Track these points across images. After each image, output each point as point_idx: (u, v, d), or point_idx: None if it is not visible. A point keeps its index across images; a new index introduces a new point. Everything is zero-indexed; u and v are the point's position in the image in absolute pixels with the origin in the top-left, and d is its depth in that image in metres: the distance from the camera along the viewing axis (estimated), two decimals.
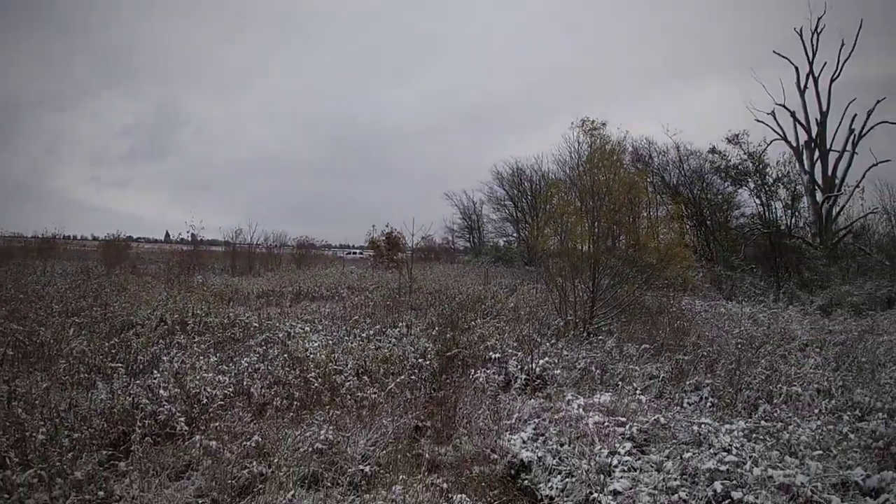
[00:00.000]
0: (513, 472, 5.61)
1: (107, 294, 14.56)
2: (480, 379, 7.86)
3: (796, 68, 26.42)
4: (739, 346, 9.69)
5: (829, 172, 25.92)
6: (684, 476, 4.84)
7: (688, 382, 7.86)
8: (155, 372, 7.37)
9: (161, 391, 6.46)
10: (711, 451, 5.21)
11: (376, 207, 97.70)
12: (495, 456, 5.73)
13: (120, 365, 7.68)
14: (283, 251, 38.65)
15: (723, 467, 4.79)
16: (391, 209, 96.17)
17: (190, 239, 29.33)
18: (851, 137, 25.64)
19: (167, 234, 46.46)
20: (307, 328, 11.21)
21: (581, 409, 6.45)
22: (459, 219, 48.70)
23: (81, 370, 7.57)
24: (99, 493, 4.67)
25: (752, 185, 27.12)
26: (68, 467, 4.78)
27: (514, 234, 43.27)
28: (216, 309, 12.89)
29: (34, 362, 8.27)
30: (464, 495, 4.68)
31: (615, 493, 4.61)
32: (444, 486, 4.77)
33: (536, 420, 6.51)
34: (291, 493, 4.42)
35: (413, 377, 7.88)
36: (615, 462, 5.13)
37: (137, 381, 6.93)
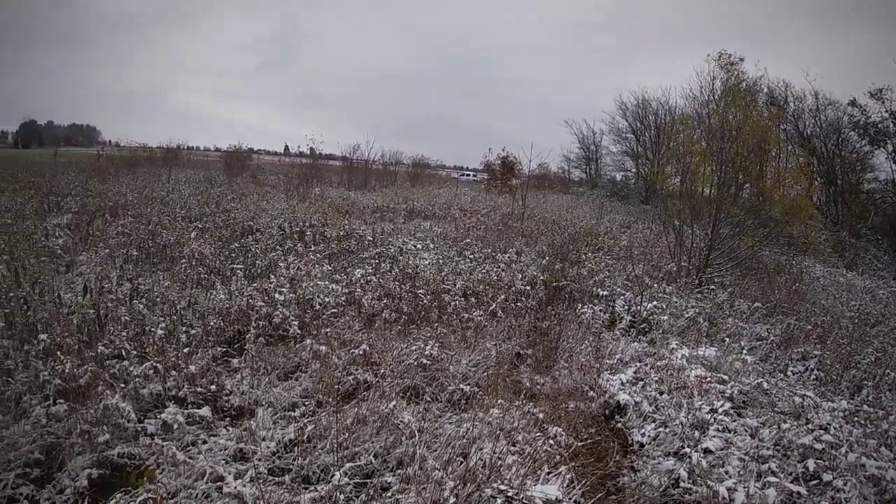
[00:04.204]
0: (607, 412, 5.60)
1: (228, 201, 15.30)
2: (587, 314, 7.83)
3: None
4: (854, 321, 9.12)
5: None
6: (777, 447, 4.67)
7: (796, 350, 7.53)
8: (272, 277, 7.71)
9: (277, 295, 6.76)
10: (809, 426, 4.99)
11: (494, 132, 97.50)
12: (592, 393, 5.72)
13: (239, 268, 8.10)
14: (398, 168, 38.85)
15: (818, 446, 4.59)
16: (509, 134, 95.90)
17: (308, 152, 29.99)
18: None
19: (286, 147, 48.02)
20: (419, 245, 11.45)
21: (684, 360, 6.32)
22: (577, 148, 46.14)
23: (201, 271, 8.05)
24: (211, 387, 5.00)
25: (890, 148, 24.75)
26: (184, 361, 5.15)
27: (633, 170, 40.98)
28: (332, 221, 13.28)
29: (157, 263, 8.89)
30: (559, 428, 4.71)
31: (706, 451, 4.51)
32: (540, 415, 4.81)
33: (637, 364, 6.44)
34: (393, 403, 4.55)
35: (519, 304, 7.94)
36: (711, 420, 5.01)
37: (255, 285, 7.29)
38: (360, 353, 5.53)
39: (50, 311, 5.86)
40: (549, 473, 4.04)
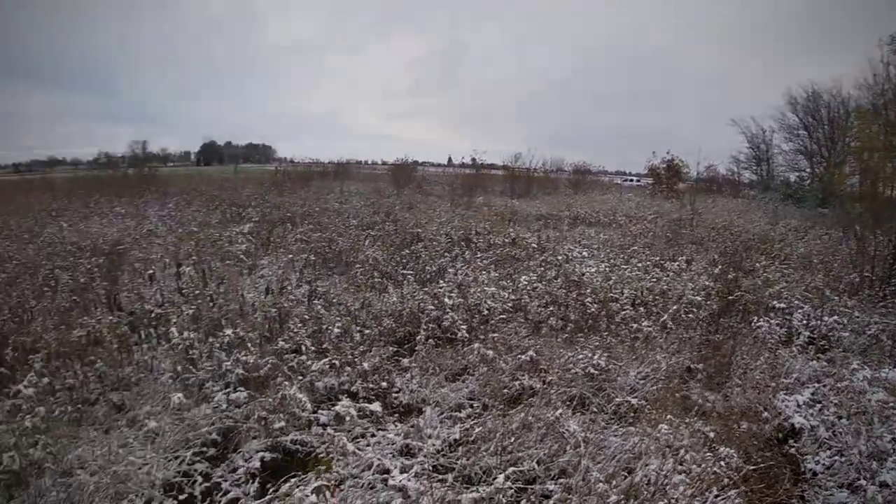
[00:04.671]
0: (780, 435, 5.28)
1: (397, 211, 16.06)
2: (762, 328, 7.37)
3: None
4: None
5: None
6: None
7: None
8: (441, 282, 7.99)
9: (446, 299, 7.01)
10: None
11: (657, 135, 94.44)
12: (767, 414, 5.43)
13: (410, 273, 8.51)
14: (559, 176, 38.91)
15: None
16: (672, 137, 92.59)
17: (471, 163, 30.66)
18: None
19: (450, 159, 49.76)
20: (584, 253, 11.30)
21: (865, 382, 5.83)
22: (746, 148, 42.72)
23: (375, 276, 8.47)
24: (382, 384, 5.34)
25: None
26: (358, 358, 5.52)
27: (808, 170, 37.25)
28: (497, 228, 13.48)
29: (333, 267, 9.55)
30: (730, 450, 4.53)
31: (883, 484, 4.16)
32: (711, 434, 4.65)
33: (815, 385, 6.01)
34: (559, 411, 4.54)
35: (690, 316, 7.63)
36: (891, 450, 4.61)
37: (425, 289, 7.63)
38: (527, 359, 5.58)
39: (234, 309, 6.50)
40: (717, 496, 3.87)
